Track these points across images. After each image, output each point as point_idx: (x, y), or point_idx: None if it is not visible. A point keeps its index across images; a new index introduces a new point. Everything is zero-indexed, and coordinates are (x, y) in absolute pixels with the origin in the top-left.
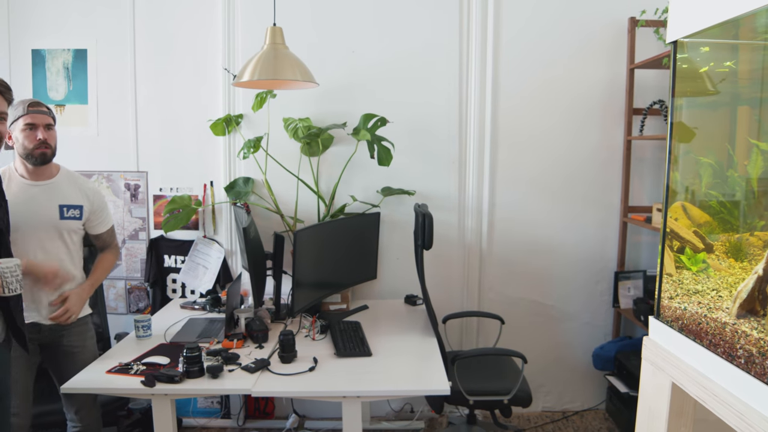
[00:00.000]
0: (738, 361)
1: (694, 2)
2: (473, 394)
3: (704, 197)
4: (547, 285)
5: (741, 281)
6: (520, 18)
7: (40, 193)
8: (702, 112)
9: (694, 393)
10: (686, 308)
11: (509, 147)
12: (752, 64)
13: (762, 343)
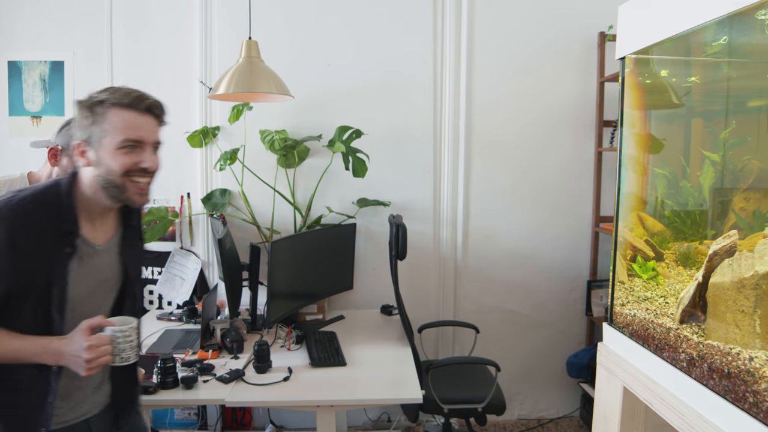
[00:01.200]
0: (681, 365)
1: (639, 22)
2: (448, 403)
3: (659, 207)
4: (522, 294)
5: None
6: (493, 32)
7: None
8: (656, 124)
9: (642, 396)
10: (636, 314)
11: (483, 158)
12: (702, 78)
13: (701, 347)
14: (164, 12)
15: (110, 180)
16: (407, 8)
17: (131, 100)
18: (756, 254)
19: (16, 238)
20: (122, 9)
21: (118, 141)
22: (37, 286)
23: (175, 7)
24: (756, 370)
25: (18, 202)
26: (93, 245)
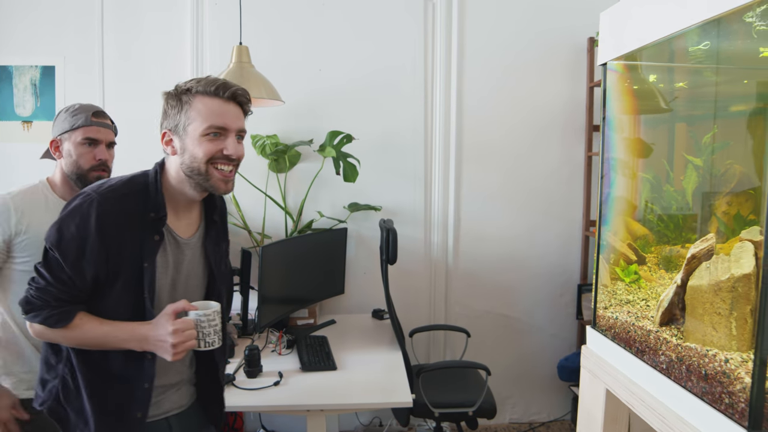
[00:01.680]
0: (660, 367)
1: (620, 28)
2: (438, 407)
3: (643, 211)
4: (513, 298)
5: None
6: (483, 37)
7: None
8: (640, 129)
9: (624, 399)
10: (618, 317)
11: (473, 163)
12: (684, 83)
13: (680, 350)
14: (155, 17)
15: (194, 167)
16: (398, 14)
17: (216, 88)
18: (732, 257)
19: (105, 224)
20: (113, 14)
21: (203, 128)
22: (125, 273)
23: (166, 12)
24: (731, 372)
25: (107, 189)
26: (177, 237)
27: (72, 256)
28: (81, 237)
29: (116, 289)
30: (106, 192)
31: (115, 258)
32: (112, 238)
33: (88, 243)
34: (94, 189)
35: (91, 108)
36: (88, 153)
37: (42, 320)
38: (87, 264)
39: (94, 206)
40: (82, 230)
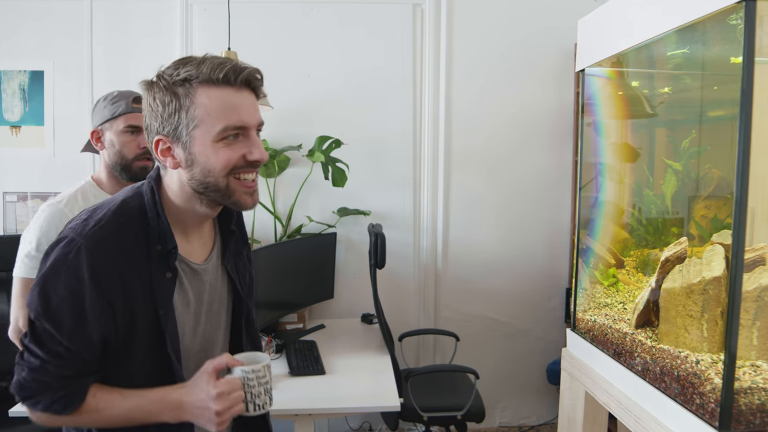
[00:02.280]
0: (636, 369)
1: (595, 37)
2: (427, 411)
3: (623, 215)
4: (502, 302)
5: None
6: (472, 43)
7: None
8: (621, 134)
9: (602, 400)
10: (596, 320)
11: (462, 167)
12: (663, 88)
13: (654, 351)
14: (144, 23)
15: (210, 183)
16: (387, 20)
17: (225, 74)
18: (704, 260)
19: (102, 275)
20: (102, 18)
21: (218, 131)
22: (140, 328)
23: (155, 17)
24: (702, 373)
25: (95, 228)
26: (192, 265)
27: (68, 324)
28: (74, 297)
29: (132, 350)
30: (95, 232)
31: (125, 312)
32: (115, 291)
33: (85, 303)
34: (77, 231)
35: (131, 94)
36: (132, 141)
37: (45, 408)
38: (90, 329)
39: (84, 255)
40: (75, 289)
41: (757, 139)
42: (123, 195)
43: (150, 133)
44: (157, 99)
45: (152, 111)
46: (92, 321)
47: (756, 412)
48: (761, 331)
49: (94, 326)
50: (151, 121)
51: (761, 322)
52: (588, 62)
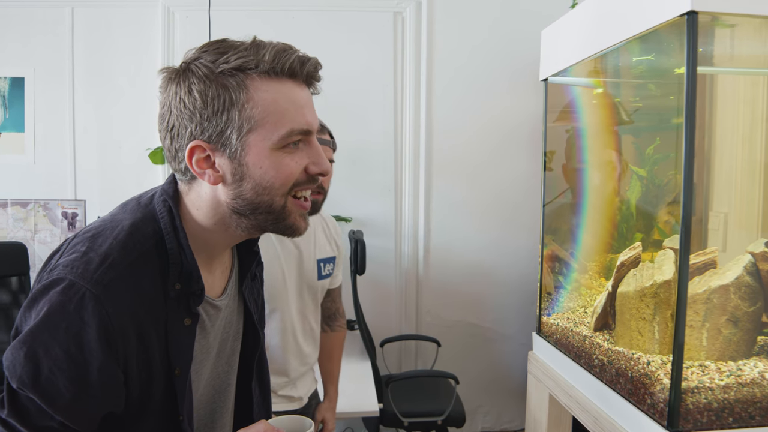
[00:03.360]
0: (594, 371)
1: (556, 48)
2: (408, 416)
3: (588, 221)
4: (483, 307)
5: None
6: (452, 50)
7: (294, 247)
8: (589, 141)
9: (563, 402)
10: (559, 324)
11: (443, 174)
12: (630, 96)
13: (610, 353)
14: (126, 29)
15: (263, 202)
16: (368, 27)
17: (291, 64)
18: (656, 264)
19: (113, 333)
20: (84, 25)
21: (281, 135)
22: (154, 393)
23: (136, 24)
24: (652, 374)
25: (103, 266)
26: (212, 301)
27: (65, 397)
28: (75, 364)
29: (141, 419)
30: (103, 273)
31: (140, 377)
32: (130, 351)
33: (89, 370)
34: (76, 271)
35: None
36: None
37: None
38: (93, 401)
39: (90, 305)
40: (76, 353)
41: (727, 148)
42: (129, 217)
43: (177, 138)
44: (194, 92)
45: (184, 109)
46: (97, 392)
47: (703, 410)
48: (710, 332)
49: (98, 398)
50: (180, 122)
51: (710, 323)
52: (550, 71)
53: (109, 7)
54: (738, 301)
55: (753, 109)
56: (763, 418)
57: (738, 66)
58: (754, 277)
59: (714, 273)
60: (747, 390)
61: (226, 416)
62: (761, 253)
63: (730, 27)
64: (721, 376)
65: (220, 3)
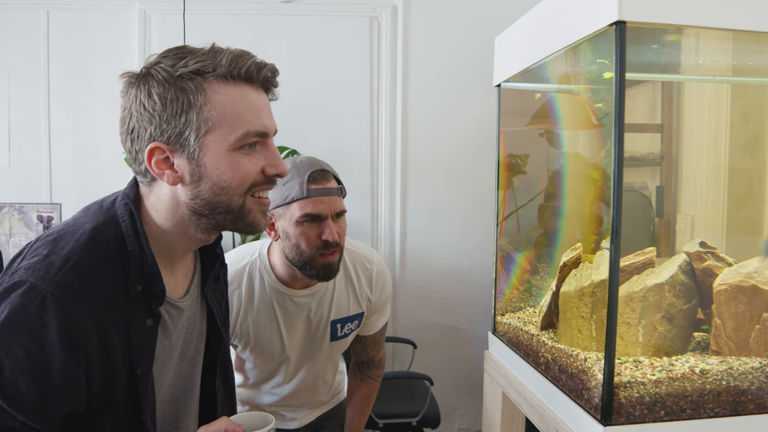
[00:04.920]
0: (541, 368)
1: (508, 54)
2: (383, 417)
3: (543, 222)
4: (460, 310)
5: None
6: (428, 54)
7: (302, 308)
8: (543, 144)
9: (514, 399)
10: (511, 323)
11: (419, 178)
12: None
13: (554, 351)
14: (102, 32)
15: (221, 202)
16: (344, 32)
17: (247, 69)
18: (594, 265)
19: (75, 335)
20: (59, 28)
21: (237, 136)
22: (116, 391)
23: (112, 27)
24: (588, 369)
25: (64, 269)
26: (174, 302)
27: (27, 397)
28: (37, 365)
29: (102, 419)
30: (64, 275)
31: (102, 377)
32: (92, 351)
33: (51, 371)
34: (37, 273)
35: (305, 165)
36: (311, 232)
37: None
38: (55, 401)
39: (51, 307)
40: (38, 354)
41: (692, 152)
42: (91, 220)
43: (137, 140)
44: (154, 95)
45: (144, 111)
46: (59, 392)
47: (635, 404)
48: (646, 329)
49: (60, 398)
50: (140, 125)
51: (646, 320)
52: (503, 77)
53: (85, 10)
54: (673, 299)
55: (717, 114)
56: (693, 411)
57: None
58: (689, 275)
59: (651, 272)
60: (678, 384)
61: (190, 416)
62: (696, 253)
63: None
64: (654, 371)
65: (197, 7)
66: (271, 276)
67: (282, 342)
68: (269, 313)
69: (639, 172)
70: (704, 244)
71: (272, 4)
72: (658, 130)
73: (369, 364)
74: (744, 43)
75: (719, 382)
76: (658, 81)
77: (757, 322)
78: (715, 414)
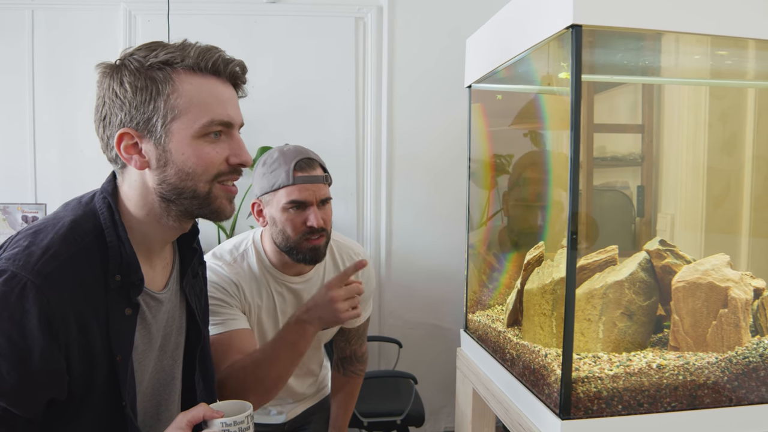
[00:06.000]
0: (507, 364)
1: (478, 56)
2: (367, 416)
3: (512, 222)
4: (445, 309)
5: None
6: (413, 56)
7: (296, 295)
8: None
9: (482, 395)
10: (480, 320)
11: (404, 177)
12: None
13: (518, 347)
14: (87, 32)
15: (187, 188)
16: (330, 32)
17: (214, 62)
18: (555, 262)
19: (55, 321)
20: (44, 27)
21: (202, 123)
22: (97, 379)
23: (98, 27)
24: (548, 365)
25: (43, 258)
26: (154, 294)
27: (8, 383)
28: (18, 350)
29: (84, 406)
30: (44, 264)
31: (82, 364)
32: (72, 338)
33: (32, 357)
34: (18, 262)
35: (291, 152)
36: (296, 219)
37: None
38: (36, 386)
39: (31, 295)
40: (18, 340)
41: (672, 152)
42: (70, 214)
43: (108, 126)
44: (125, 84)
45: (116, 99)
46: (40, 378)
47: (593, 399)
48: (606, 325)
49: (41, 383)
50: (111, 111)
51: (606, 317)
52: (473, 78)
53: (70, 9)
54: (632, 296)
55: (696, 114)
56: (650, 405)
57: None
58: (649, 273)
59: (613, 269)
60: (635, 379)
61: (172, 409)
62: (655, 251)
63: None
64: (611, 367)
65: (183, 8)
66: (265, 262)
67: (276, 326)
68: (269, 297)
69: (620, 172)
70: (664, 242)
71: (258, 4)
72: (639, 131)
73: (352, 359)
74: (714, 47)
75: (676, 376)
76: (634, 83)
77: (714, 318)
78: (672, 408)
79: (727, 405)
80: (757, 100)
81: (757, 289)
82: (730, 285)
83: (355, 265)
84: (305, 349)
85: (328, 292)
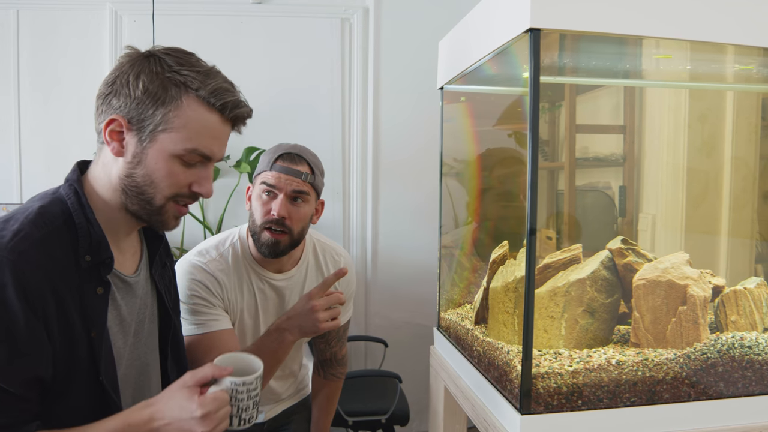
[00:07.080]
0: (474, 361)
1: (449, 57)
2: (352, 415)
3: (485, 222)
4: (431, 309)
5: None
6: (399, 57)
7: (277, 292)
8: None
9: (452, 391)
10: (451, 318)
11: (390, 179)
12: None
13: (484, 345)
14: (73, 32)
15: (146, 194)
16: (316, 33)
17: (224, 104)
18: (517, 261)
19: (33, 294)
20: (29, 27)
21: (185, 147)
22: (77, 354)
23: (83, 27)
24: (510, 361)
25: (16, 238)
26: (123, 277)
27: None
28: (1, 322)
29: (70, 383)
30: (18, 243)
31: (62, 337)
32: (49, 311)
33: (17, 327)
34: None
35: (284, 147)
36: (264, 204)
37: None
38: (23, 358)
39: (7, 270)
40: (1, 313)
41: (653, 153)
42: (38, 202)
43: (107, 104)
44: (140, 81)
45: (125, 87)
46: (26, 349)
47: (553, 394)
48: (568, 322)
49: (28, 355)
50: (116, 94)
51: (569, 314)
52: (445, 80)
53: (56, 10)
54: (594, 294)
55: (676, 116)
56: (610, 400)
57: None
58: (611, 271)
59: (576, 267)
60: (594, 375)
61: (152, 395)
62: (617, 249)
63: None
64: (572, 363)
65: (169, 8)
66: (248, 256)
67: (257, 323)
68: (251, 294)
69: (603, 173)
70: (626, 240)
71: (244, 5)
72: (621, 132)
73: (332, 362)
74: (693, 51)
75: (635, 372)
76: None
77: (673, 315)
78: (631, 403)
79: (685, 400)
80: (735, 103)
81: (716, 286)
82: (689, 283)
83: (336, 274)
84: (284, 357)
85: (309, 301)
